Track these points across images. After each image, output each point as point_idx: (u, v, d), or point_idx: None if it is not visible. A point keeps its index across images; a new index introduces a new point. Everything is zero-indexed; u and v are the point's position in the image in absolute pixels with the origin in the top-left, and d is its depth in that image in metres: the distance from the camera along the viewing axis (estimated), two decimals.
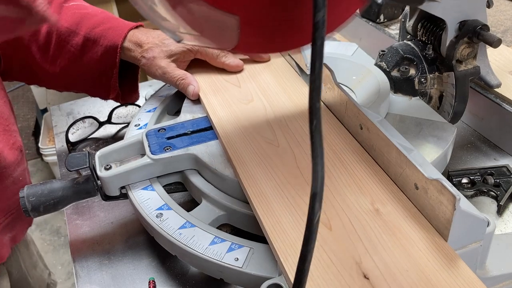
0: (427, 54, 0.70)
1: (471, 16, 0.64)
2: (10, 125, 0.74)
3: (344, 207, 0.50)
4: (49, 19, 0.49)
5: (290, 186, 0.53)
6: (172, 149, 0.62)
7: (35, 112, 2.31)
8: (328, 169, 0.55)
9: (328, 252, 0.45)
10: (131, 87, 0.83)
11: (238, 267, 0.50)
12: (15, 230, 0.79)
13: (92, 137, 0.86)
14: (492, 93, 0.75)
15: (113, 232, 0.67)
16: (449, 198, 0.43)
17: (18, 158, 0.75)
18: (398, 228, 0.47)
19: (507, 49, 0.84)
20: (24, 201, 0.58)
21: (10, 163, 0.72)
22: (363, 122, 0.57)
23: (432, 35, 0.69)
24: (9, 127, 0.74)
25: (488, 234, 0.47)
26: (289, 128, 0.62)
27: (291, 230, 0.48)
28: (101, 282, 0.60)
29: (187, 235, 0.54)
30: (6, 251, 0.78)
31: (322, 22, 0.31)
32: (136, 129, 0.71)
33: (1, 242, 0.76)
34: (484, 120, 0.77)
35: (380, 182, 0.52)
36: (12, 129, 0.75)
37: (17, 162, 0.74)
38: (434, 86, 0.71)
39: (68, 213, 0.71)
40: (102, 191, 0.61)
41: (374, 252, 0.45)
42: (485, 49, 0.70)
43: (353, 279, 0.43)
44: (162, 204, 0.58)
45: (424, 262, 0.44)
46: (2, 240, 0.76)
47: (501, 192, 0.65)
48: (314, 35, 0.31)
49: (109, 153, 0.63)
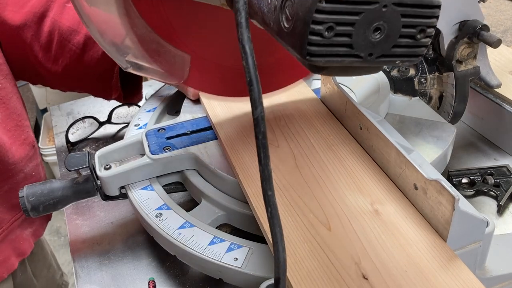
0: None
1: (468, 16, 0.64)
2: (23, 121, 0.75)
3: (343, 207, 0.50)
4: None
5: (290, 186, 0.53)
6: (171, 149, 0.62)
7: (35, 112, 2.31)
8: (328, 169, 0.55)
9: (327, 252, 0.45)
10: (133, 88, 0.83)
11: (237, 267, 0.50)
12: (35, 225, 0.80)
13: (92, 137, 0.86)
14: (492, 93, 0.74)
15: (113, 232, 0.67)
16: (448, 199, 0.43)
17: (30, 153, 0.75)
18: (397, 229, 0.47)
19: (507, 49, 0.84)
20: (23, 200, 0.58)
21: (20, 158, 0.72)
22: (363, 122, 0.57)
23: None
24: (21, 122, 0.75)
25: (488, 235, 0.47)
26: (289, 128, 0.62)
27: (290, 230, 0.48)
28: (101, 282, 0.60)
29: (187, 235, 0.54)
30: (28, 246, 0.78)
31: (261, 118, 0.31)
32: (136, 129, 0.71)
33: (21, 236, 0.76)
34: (484, 120, 0.77)
35: (380, 182, 0.52)
36: (25, 124, 0.75)
37: (29, 157, 0.75)
38: (434, 86, 0.71)
39: (68, 213, 0.71)
40: (102, 191, 0.62)
41: (373, 253, 0.45)
42: (485, 49, 0.69)
43: (352, 280, 0.42)
44: (161, 204, 0.59)
45: (423, 263, 0.43)
46: (22, 235, 0.77)
47: (501, 192, 0.65)
48: (255, 130, 0.32)
49: (109, 153, 0.63)
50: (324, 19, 0.29)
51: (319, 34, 0.29)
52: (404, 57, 0.32)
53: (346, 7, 0.29)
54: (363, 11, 0.29)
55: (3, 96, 0.71)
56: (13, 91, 0.74)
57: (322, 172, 0.54)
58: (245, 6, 0.32)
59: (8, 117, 0.72)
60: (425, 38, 0.32)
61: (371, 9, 0.30)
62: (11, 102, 0.73)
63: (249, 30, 0.32)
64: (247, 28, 0.32)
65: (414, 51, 0.32)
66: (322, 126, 0.62)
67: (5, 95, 0.71)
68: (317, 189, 0.52)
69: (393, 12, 0.30)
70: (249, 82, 0.31)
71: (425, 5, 0.31)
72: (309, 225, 0.48)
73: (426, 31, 0.32)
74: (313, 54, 0.30)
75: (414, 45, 0.32)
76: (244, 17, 0.32)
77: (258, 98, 0.31)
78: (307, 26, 0.29)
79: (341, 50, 0.31)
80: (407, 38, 0.32)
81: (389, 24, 0.30)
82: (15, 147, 0.72)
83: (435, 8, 0.31)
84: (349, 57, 0.31)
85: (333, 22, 0.29)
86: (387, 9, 0.30)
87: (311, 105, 0.66)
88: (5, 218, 0.72)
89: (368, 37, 0.30)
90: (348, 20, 0.29)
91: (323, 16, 0.29)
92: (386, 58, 0.32)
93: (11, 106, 0.72)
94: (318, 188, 0.52)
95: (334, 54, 0.31)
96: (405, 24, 0.31)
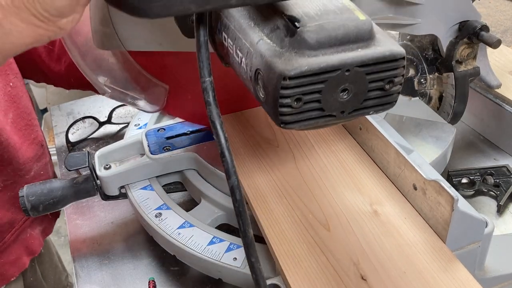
0: (426, 55, 0.70)
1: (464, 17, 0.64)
2: (32, 120, 0.75)
3: (342, 207, 0.50)
4: None
5: (289, 186, 0.53)
6: (171, 149, 0.62)
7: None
8: (327, 170, 0.55)
9: (326, 253, 0.45)
10: None
11: (237, 267, 0.50)
12: (44, 223, 0.80)
13: (92, 137, 0.86)
14: (492, 93, 0.74)
15: (113, 232, 0.67)
16: (447, 199, 0.43)
17: (39, 152, 0.75)
18: (396, 229, 0.47)
19: (507, 49, 0.84)
20: (23, 200, 0.58)
21: (29, 158, 0.73)
22: (362, 123, 0.57)
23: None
24: (31, 122, 0.75)
25: (487, 235, 0.47)
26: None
27: (289, 231, 0.48)
28: (101, 282, 0.60)
29: (186, 235, 0.54)
30: (39, 244, 0.79)
31: (236, 186, 0.33)
32: (136, 129, 0.71)
33: (32, 235, 0.77)
34: (484, 120, 0.77)
35: (379, 182, 0.52)
36: (34, 123, 0.76)
37: (37, 156, 0.75)
38: (433, 86, 0.71)
39: (68, 213, 0.71)
40: (102, 190, 0.62)
41: (372, 254, 0.45)
42: (485, 49, 0.69)
43: (351, 280, 0.43)
44: (161, 203, 0.59)
45: (422, 264, 0.44)
46: (32, 234, 0.77)
47: (501, 192, 0.65)
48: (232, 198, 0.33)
49: (109, 152, 0.63)
50: (290, 94, 0.30)
51: (289, 106, 0.30)
52: (377, 107, 0.33)
53: (310, 79, 0.30)
54: (326, 79, 0.30)
55: (14, 95, 0.71)
56: (23, 90, 0.74)
57: (321, 172, 0.54)
58: (211, 86, 0.33)
59: (19, 116, 0.72)
60: (395, 87, 0.32)
61: (334, 76, 0.30)
62: (22, 101, 0.73)
63: (218, 107, 0.33)
64: (216, 107, 0.33)
65: (385, 100, 0.33)
66: None
67: (16, 94, 0.72)
68: (317, 189, 0.52)
69: (357, 73, 0.30)
70: (221, 154, 0.32)
71: (388, 60, 0.31)
72: (308, 226, 0.48)
73: (394, 81, 0.32)
74: (287, 122, 0.31)
75: (384, 95, 0.32)
76: (213, 99, 0.33)
77: (231, 168, 0.32)
78: (276, 100, 0.30)
79: (313, 114, 0.31)
80: (376, 91, 0.32)
81: (355, 84, 0.31)
82: (25, 147, 0.72)
83: (399, 60, 0.31)
84: (322, 118, 0.32)
85: (300, 94, 0.30)
86: (350, 72, 0.30)
87: None
88: (17, 218, 0.73)
89: (337, 98, 0.31)
90: (314, 89, 0.30)
91: (289, 92, 0.30)
92: (359, 112, 0.33)
93: (22, 105, 0.72)
94: (318, 188, 0.52)
95: (307, 118, 0.31)
96: (371, 80, 0.31)
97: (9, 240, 0.72)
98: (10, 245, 0.73)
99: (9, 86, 0.70)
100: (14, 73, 0.72)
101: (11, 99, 0.70)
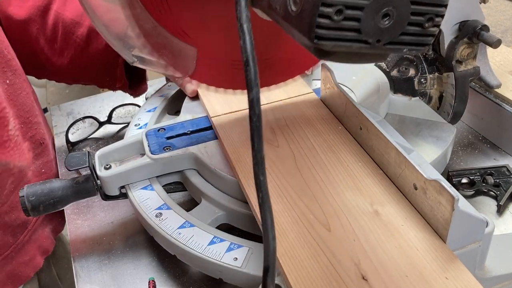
0: (427, 55, 0.70)
1: (468, 16, 0.64)
2: (31, 117, 0.74)
3: (343, 208, 0.50)
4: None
5: (289, 186, 0.53)
6: (171, 149, 0.62)
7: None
8: (328, 170, 0.55)
9: (326, 253, 0.45)
10: (138, 77, 0.83)
11: (237, 267, 0.50)
12: (54, 221, 0.80)
13: (92, 137, 0.86)
14: (492, 93, 0.75)
15: (113, 232, 0.67)
16: (447, 199, 0.43)
17: (37, 150, 0.75)
18: (397, 229, 0.47)
19: (507, 49, 0.84)
20: (23, 200, 0.58)
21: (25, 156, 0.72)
22: (363, 123, 0.57)
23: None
24: (30, 119, 0.74)
25: (487, 235, 0.47)
26: (289, 128, 0.62)
27: (289, 231, 0.48)
28: (101, 282, 0.60)
29: (186, 235, 0.54)
30: (51, 243, 0.79)
31: (256, 100, 0.30)
32: (136, 129, 0.71)
33: (43, 234, 0.77)
34: (484, 120, 0.77)
35: (379, 182, 0.52)
36: (34, 121, 0.75)
37: (35, 154, 0.74)
38: (434, 86, 0.71)
39: (68, 213, 0.71)
40: (102, 190, 0.62)
41: (373, 254, 0.45)
42: (485, 49, 0.70)
43: (352, 281, 0.43)
44: (161, 203, 0.59)
45: (423, 264, 0.44)
46: (44, 233, 0.77)
47: (501, 192, 0.65)
48: (250, 113, 0.31)
49: (109, 152, 0.63)
50: (334, 2, 0.28)
51: (328, 17, 0.29)
52: (411, 45, 0.32)
53: None
54: None
55: (10, 93, 0.70)
56: (22, 87, 0.73)
57: (322, 172, 0.54)
58: None
59: (14, 115, 0.71)
60: (433, 27, 0.31)
61: None
62: (19, 99, 0.72)
63: (248, 10, 0.31)
64: (246, 7, 0.31)
65: (421, 40, 0.32)
66: (322, 127, 0.62)
67: (13, 91, 0.71)
68: (317, 189, 0.52)
69: None
70: (246, 62, 0.30)
71: None
72: (308, 226, 0.48)
73: (434, 20, 0.31)
74: (321, 37, 0.30)
75: (422, 33, 0.32)
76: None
77: (254, 79, 0.30)
78: (316, 8, 0.28)
79: (349, 35, 0.30)
80: (415, 26, 0.31)
81: (398, 10, 0.30)
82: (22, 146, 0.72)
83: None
84: (357, 43, 0.30)
85: (343, 5, 0.29)
86: None
87: (311, 105, 0.67)
88: (30, 218, 0.72)
89: (377, 23, 0.30)
90: (358, 4, 0.29)
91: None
92: (394, 46, 0.31)
93: (18, 103, 0.72)
94: (318, 188, 0.52)
95: (342, 38, 0.30)
96: (414, 12, 0.30)
97: (23, 240, 0.72)
98: (24, 245, 0.73)
99: (6, 83, 0.69)
100: (12, 70, 0.71)
101: (7, 96, 0.70)
